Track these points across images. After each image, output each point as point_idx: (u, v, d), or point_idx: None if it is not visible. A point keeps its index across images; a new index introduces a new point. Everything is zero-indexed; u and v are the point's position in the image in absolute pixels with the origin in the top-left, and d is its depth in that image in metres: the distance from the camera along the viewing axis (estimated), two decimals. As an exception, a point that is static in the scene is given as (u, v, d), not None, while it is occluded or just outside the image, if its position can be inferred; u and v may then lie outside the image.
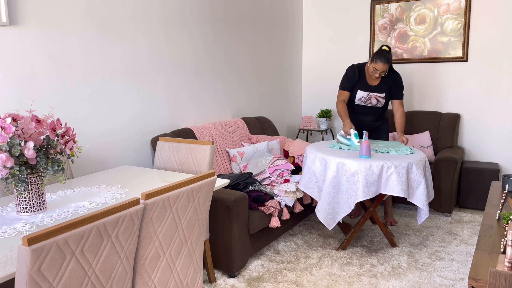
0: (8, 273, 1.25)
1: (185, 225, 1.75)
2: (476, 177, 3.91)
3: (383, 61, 3.22)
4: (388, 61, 3.24)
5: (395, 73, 3.45)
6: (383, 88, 3.42)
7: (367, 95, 3.44)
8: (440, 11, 4.25)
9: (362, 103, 3.49)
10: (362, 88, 3.45)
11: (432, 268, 2.84)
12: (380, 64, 3.24)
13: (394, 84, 3.43)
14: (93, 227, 1.28)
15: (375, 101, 3.45)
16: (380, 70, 3.26)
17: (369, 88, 3.43)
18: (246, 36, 4.11)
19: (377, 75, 3.30)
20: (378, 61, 3.24)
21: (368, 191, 2.73)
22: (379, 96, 3.44)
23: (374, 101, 3.46)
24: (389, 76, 3.43)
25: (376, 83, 3.43)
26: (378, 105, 3.49)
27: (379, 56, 3.24)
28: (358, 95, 3.48)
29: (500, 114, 4.13)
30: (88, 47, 2.65)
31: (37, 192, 1.76)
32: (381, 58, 3.23)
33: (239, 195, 2.64)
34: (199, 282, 1.91)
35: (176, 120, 3.38)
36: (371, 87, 3.43)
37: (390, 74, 3.43)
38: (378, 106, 3.50)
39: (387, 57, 3.23)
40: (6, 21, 2.18)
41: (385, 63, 3.23)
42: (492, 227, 1.93)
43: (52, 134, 1.77)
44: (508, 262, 1.24)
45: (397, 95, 3.46)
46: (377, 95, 3.44)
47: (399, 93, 3.46)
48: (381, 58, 3.23)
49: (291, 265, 2.89)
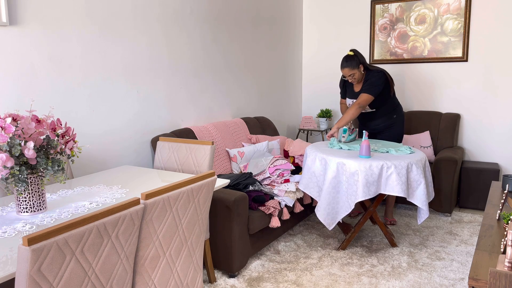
0: (8, 273, 1.25)
1: (185, 225, 1.75)
2: (476, 177, 3.90)
3: (342, 66, 3.31)
4: (347, 65, 3.27)
5: (373, 73, 3.34)
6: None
7: (352, 102, 3.49)
8: (440, 11, 4.25)
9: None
10: (349, 96, 3.53)
11: (432, 268, 2.84)
12: (342, 70, 3.32)
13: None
14: (93, 227, 1.28)
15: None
16: (345, 74, 3.32)
17: (354, 95, 3.47)
18: (246, 36, 4.11)
19: (351, 80, 3.35)
20: (341, 68, 3.33)
21: (368, 191, 2.73)
22: None
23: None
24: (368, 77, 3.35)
25: (358, 89, 3.45)
26: (368, 110, 3.50)
27: (341, 62, 3.32)
28: (347, 103, 3.57)
29: (500, 114, 4.13)
30: (88, 47, 2.65)
31: (37, 192, 1.76)
32: (342, 64, 3.31)
33: (239, 195, 2.64)
34: (199, 282, 1.91)
35: (176, 120, 3.38)
36: (355, 94, 3.46)
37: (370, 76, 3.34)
38: (372, 110, 3.50)
39: (345, 61, 3.28)
40: (6, 21, 2.18)
41: (345, 67, 3.29)
42: (492, 227, 1.93)
43: (52, 134, 1.77)
44: (508, 262, 1.24)
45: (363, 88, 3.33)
46: None
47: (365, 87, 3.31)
48: (342, 64, 3.31)
49: (291, 265, 2.89)
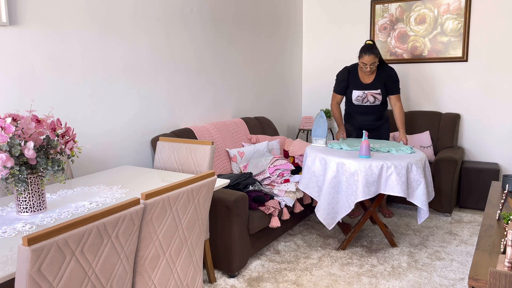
0: (8, 273, 1.25)
1: (185, 225, 1.75)
2: (476, 177, 3.90)
3: (367, 53, 3.30)
4: (372, 52, 3.29)
5: (389, 68, 3.48)
6: (378, 84, 3.45)
7: (363, 93, 3.48)
8: (440, 11, 4.24)
9: (360, 103, 3.51)
10: (356, 88, 3.50)
11: (432, 268, 2.84)
12: (366, 57, 3.31)
13: (388, 79, 3.46)
14: (93, 227, 1.28)
15: (372, 98, 3.48)
16: (367, 62, 3.32)
17: (364, 87, 3.47)
18: (246, 36, 4.11)
19: (368, 69, 3.35)
20: (363, 55, 3.32)
21: (368, 191, 2.73)
22: (374, 93, 3.46)
23: (371, 99, 3.48)
24: (383, 71, 3.46)
25: (370, 80, 3.46)
26: (376, 102, 3.51)
27: (363, 50, 3.33)
28: (354, 95, 3.51)
29: (500, 114, 4.13)
30: (88, 47, 2.65)
31: (37, 192, 1.76)
32: (365, 51, 3.31)
33: (239, 195, 2.64)
34: (199, 282, 1.91)
35: (176, 120, 3.38)
36: (365, 85, 3.47)
37: (383, 69, 3.46)
38: (376, 103, 3.51)
39: (370, 49, 3.30)
40: (6, 21, 2.18)
41: (370, 55, 3.29)
42: (492, 227, 1.93)
43: (52, 134, 1.77)
44: (508, 262, 1.24)
45: (393, 90, 3.49)
46: (373, 92, 3.46)
47: (395, 88, 3.49)
48: (365, 51, 3.31)
49: (291, 265, 2.89)
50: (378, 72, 3.46)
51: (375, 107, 3.53)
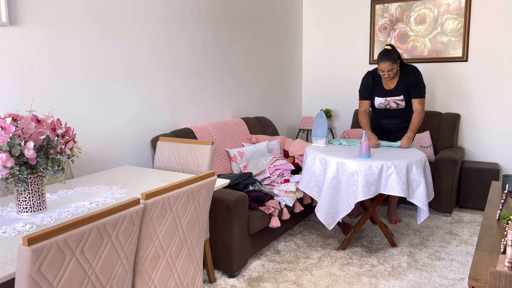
0: (8, 273, 1.25)
1: (185, 225, 1.75)
2: (476, 177, 3.90)
3: (383, 60, 3.20)
4: (388, 59, 3.19)
5: (412, 69, 3.34)
6: (401, 90, 3.35)
7: (385, 100, 3.40)
8: (440, 11, 4.24)
9: (384, 107, 3.45)
10: (379, 95, 3.41)
11: (432, 268, 2.84)
12: (382, 64, 3.22)
13: (410, 82, 3.32)
14: (93, 227, 1.28)
15: (395, 105, 3.39)
16: (384, 70, 3.22)
17: (386, 93, 3.38)
18: (246, 36, 4.11)
19: (386, 76, 3.25)
20: (380, 62, 3.23)
21: (368, 191, 2.73)
22: (397, 99, 3.37)
23: (393, 105, 3.40)
24: (405, 74, 3.34)
25: (392, 86, 3.36)
26: (400, 107, 3.42)
27: (380, 57, 3.23)
28: (377, 102, 3.44)
29: (500, 114, 4.13)
30: (88, 47, 2.65)
31: (37, 192, 1.76)
32: (381, 58, 3.22)
33: (239, 195, 2.64)
34: (199, 282, 1.91)
35: (176, 120, 3.38)
36: (387, 92, 3.38)
37: (407, 72, 3.33)
38: (400, 107, 3.42)
39: (387, 55, 3.20)
40: (6, 21, 2.18)
41: (386, 61, 3.19)
42: (492, 227, 1.93)
43: (52, 134, 1.77)
44: (508, 262, 1.24)
45: (414, 93, 3.34)
46: (395, 99, 3.37)
47: (415, 90, 3.32)
48: (381, 58, 3.22)
49: (291, 265, 2.89)
50: (401, 76, 3.34)
51: (399, 111, 3.44)
